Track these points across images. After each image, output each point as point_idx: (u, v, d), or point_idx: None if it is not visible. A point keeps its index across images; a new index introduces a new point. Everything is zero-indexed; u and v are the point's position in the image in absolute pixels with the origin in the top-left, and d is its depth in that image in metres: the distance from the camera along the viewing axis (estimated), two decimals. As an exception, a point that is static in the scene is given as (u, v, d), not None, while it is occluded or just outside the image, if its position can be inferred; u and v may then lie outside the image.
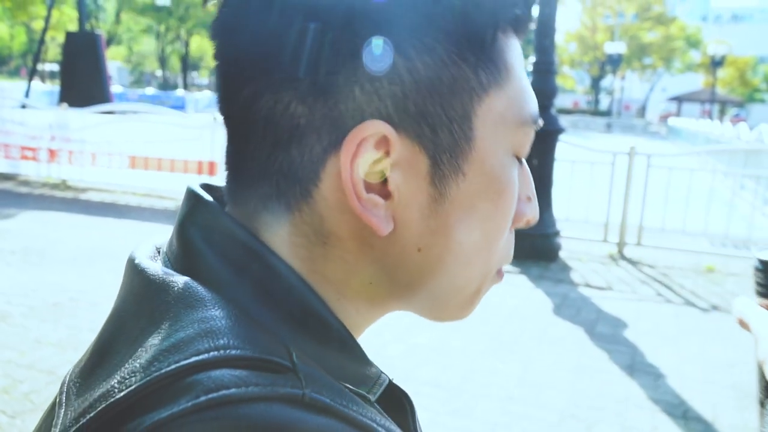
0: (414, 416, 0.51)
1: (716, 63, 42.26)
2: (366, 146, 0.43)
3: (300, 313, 0.44)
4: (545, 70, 6.08)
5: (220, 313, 0.41)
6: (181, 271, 0.45)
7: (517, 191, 0.49)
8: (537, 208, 0.53)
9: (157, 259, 0.49)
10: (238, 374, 0.36)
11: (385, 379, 0.48)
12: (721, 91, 50.49)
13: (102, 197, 8.44)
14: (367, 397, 0.45)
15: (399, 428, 0.45)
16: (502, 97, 0.46)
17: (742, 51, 56.29)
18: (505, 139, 0.47)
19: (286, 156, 0.44)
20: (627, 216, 6.66)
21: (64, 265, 5.31)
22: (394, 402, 0.49)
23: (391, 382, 0.49)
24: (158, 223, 7.04)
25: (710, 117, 40.71)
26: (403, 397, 0.50)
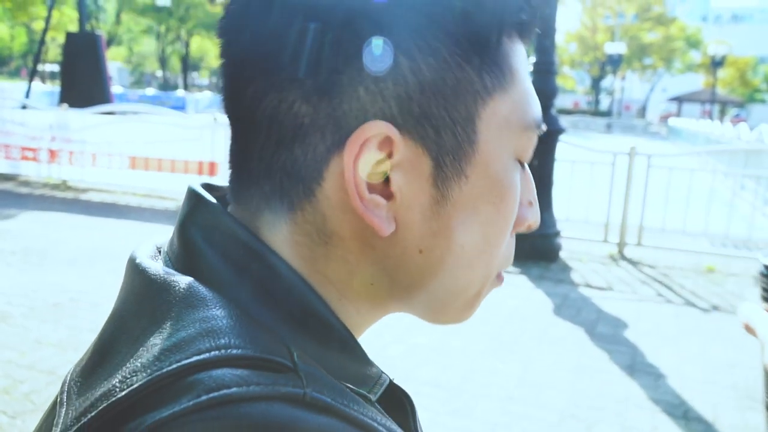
0: (414, 416, 0.51)
1: (716, 63, 42.27)
2: (369, 146, 0.43)
3: (300, 313, 0.44)
4: (545, 71, 6.08)
5: (221, 313, 0.41)
6: (182, 270, 0.45)
7: (519, 195, 0.49)
8: (538, 213, 0.53)
9: (158, 258, 0.49)
10: (240, 373, 0.37)
11: (385, 379, 0.48)
12: (721, 91, 50.48)
13: (102, 198, 8.44)
14: (368, 396, 0.45)
15: (400, 428, 0.45)
16: (506, 101, 0.46)
17: (743, 51, 56.28)
18: (508, 143, 0.47)
19: (290, 155, 0.44)
20: (627, 216, 6.65)
21: (65, 265, 5.32)
22: (395, 402, 0.49)
23: (391, 382, 0.49)
24: (159, 223, 7.04)
25: (710, 117, 40.71)
26: (403, 397, 0.50)
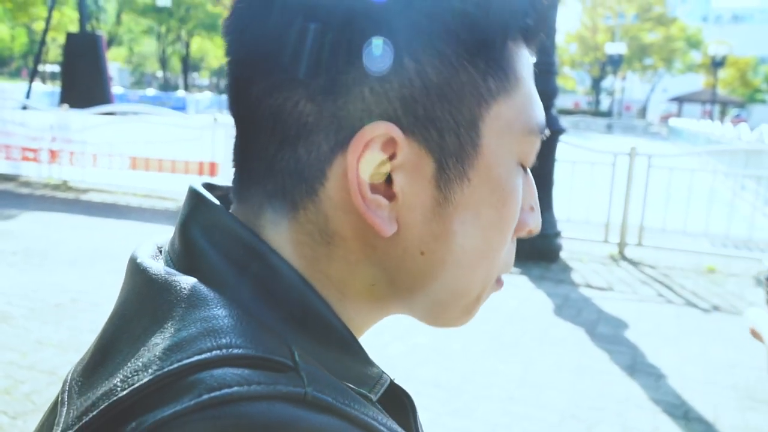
0: (415, 416, 0.52)
1: (717, 63, 42.26)
2: (373, 147, 0.43)
3: (301, 313, 0.44)
4: (546, 71, 6.07)
5: (222, 312, 0.41)
6: (183, 270, 0.45)
7: (520, 200, 0.49)
8: (540, 218, 0.53)
9: (159, 258, 0.49)
10: (241, 373, 0.37)
11: (386, 379, 0.48)
12: (721, 91, 50.46)
13: (103, 198, 8.45)
14: (368, 396, 0.45)
15: (401, 428, 0.45)
16: (510, 105, 0.46)
17: (743, 51, 56.27)
18: (511, 147, 0.47)
19: (293, 154, 0.45)
20: (628, 216, 6.65)
21: (66, 266, 5.32)
22: (396, 402, 0.49)
23: (392, 382, 0.49)
24: (159, 223, 7.04)
25: (711, 117, 40.69)
26: (404, 397, 0.50)
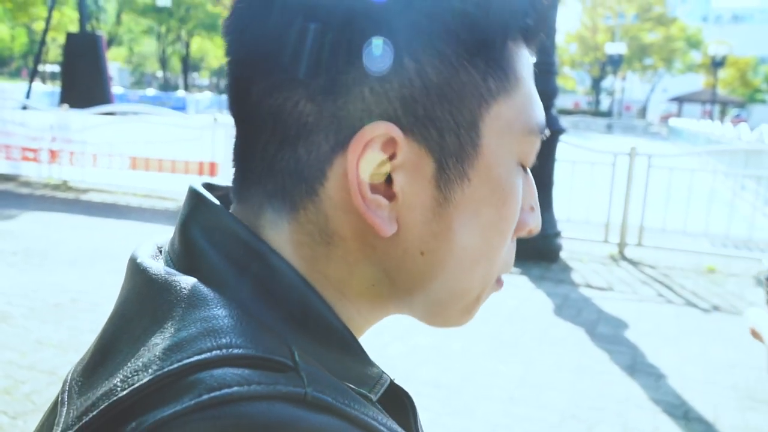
0: (415, 416, 0.51)
1: (717, 63, 42.25)
2: (373, 147, 0.43)
3: (301, 313, 0.44)
4: (546, 71, 6.07)
5: (222, 312, 0.41)
6: (183, 270, 0.45)
7: (520, 200, 0.49)
8: (540, 218, 0.53)
9: (159, 258, 0.49)
10: (241, 373, 0.37)
11: (386, 379, 0.48)
12: (721, 91, 50.46)
13: (103, 198, 8.45)
14: (368, 396, 0.45)
15: (401, 428, 0.45)
16: (510, 105, 0.46)
17: (743, 51, 56.27)
18: (511, 147, 0.47)
19: (293, 154, 0.45)
20: (628, 216, 6.65)
21: (65, 266, 5.32)
22: (396, 402, 0.49)
23: (392, 382, 0.49)
24: (159, 224, 7.04)
25: (711, 117, 40.69)
26: (404, 397, 0.50)
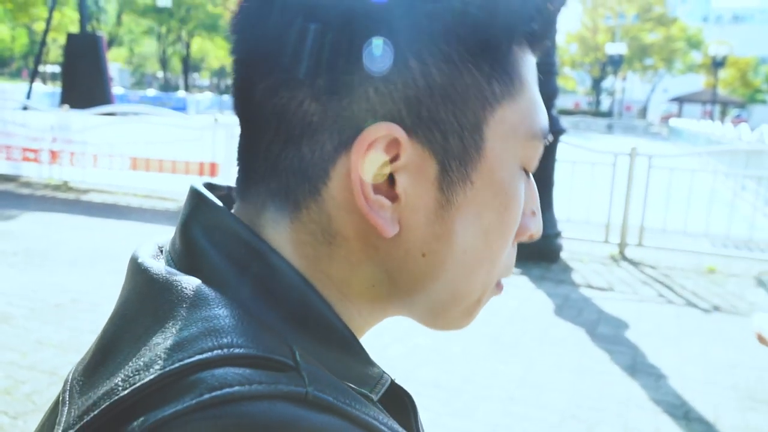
0: (416, 416, 0.52)
1: (717, 64, 42.22)
2: (377, 148, 0.43)
3: (301, 313, 0.44)
4: (546, 71, 6.07)
5: (223, 312, 0.41)
6: (184, 270, 0.45)
7: (522, 204, 0.49)
8: (541, 223, 0.53)
9: (160, 258, 0.49)
10: (242, 372, 0.37)
11: (387, 379, 0.48)
12: (722, 92, 50.43)
13: (103, 198, 8.45)
14: (369, 396, 0.45)
15: (402, 428, 0.45)
16: (514, 109, 0.47)
17: (744, 52, 56.26)
18: (514, 151, 0.47)
19: (297, 153, 0.45)
20: (628, 217, 6.65)
21: (66, 266, 5.32)
22: (397, 402, 0.49)
23: (393, 382, 0.49)
24: (159, 224, 7.04)
25: (711, 118, 40.66)
26: (405, 397, 0.50)
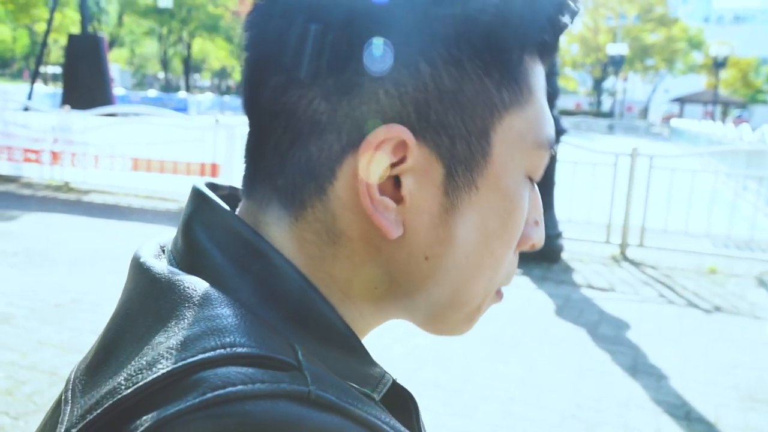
0: (418, 416, 0.52)
1: (718, 64, 42.18)
2: (384, 149, 0.44)
3: (302, 312, 0.45)
4: (547, 72, 6.06)
5: (226, 312, 0.41)
6: (186, 269, 0.45)
7: (526, 213, 0.50)
8: (543, 233, 0.53)
9: (162, 257, 0.49)
10: (245, 371, 0.37)
11: (389, 379, 0.48)
12: (723, 92, 50.39)
13: (104, 199, 8.45)
14: (371, 396, 0.46)
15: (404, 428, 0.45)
16: (521, 118, 0.47)
17: (745, 52, 56.21)
18: (520, 160, 0.48)
19: (305, 151, 0.45)
20: (629, 217, 6.65)
21: (67, 266, 5.32)
22: (399, 402, 0.49)
23: (395, 382, 0.49)
24: (161, 224, 7.04)
25: (713, 118, 40.62)
26: (407, 397, 0.51)
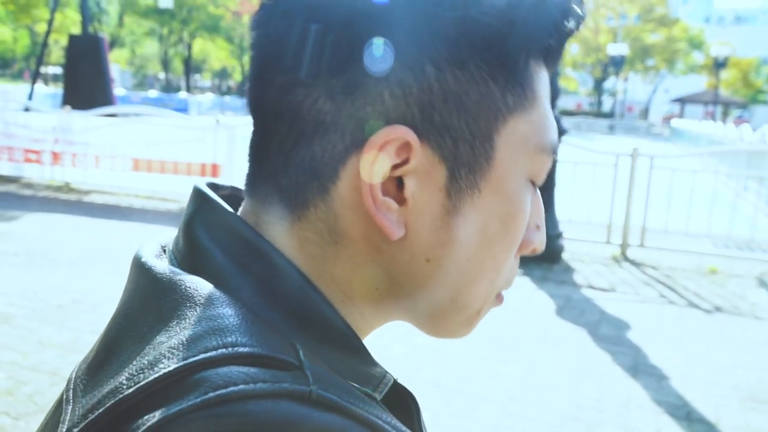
0: (419, 416, 0.52)
1: (719, 64, 42.14)
2: (388, 150, 0.44)
3: (304, 313, 0.45)
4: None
5: (228, 311, 0.41)
6: (187, 269, 0.45)
7: (528, 217, 0.50)
8: (544, 237, 0.53)
9: (163, 257, 0.49)
10: (246, 371, 0.37)
11: (390, 379, 0.48)
12: (724, 92, 50.34)
13: (105, 199, 8.45)
14: (372, 395, 0.46)
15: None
16: (525, 122, 0.47)
17: (745, 52, 56.20)
18: (523, 164, 0.48)
19: (308, 151, 0.45)
20: (630, 217, 6.65)
21: (67, 267, 5.32)
22: (400, 402, 0.50)
23: (396, 382, 0.49)
24: (161, 225, 7.04)
25: (713, 118, 40.59)
26: (408, 397, 0.51)
